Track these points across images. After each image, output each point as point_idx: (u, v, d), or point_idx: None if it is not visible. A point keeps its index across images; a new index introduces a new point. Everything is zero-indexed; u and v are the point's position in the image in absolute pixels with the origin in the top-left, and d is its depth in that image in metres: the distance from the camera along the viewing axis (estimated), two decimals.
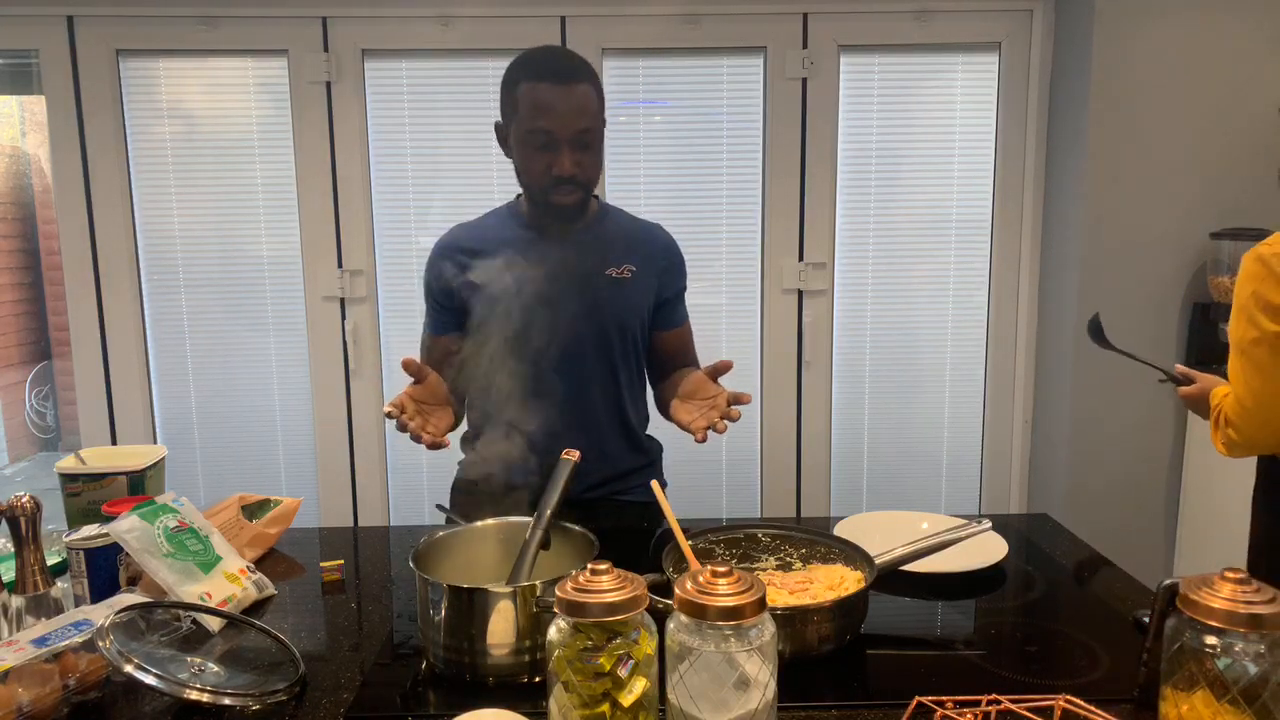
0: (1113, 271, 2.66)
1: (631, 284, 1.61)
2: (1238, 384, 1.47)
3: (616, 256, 1.61)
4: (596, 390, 1.61)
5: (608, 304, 1.59)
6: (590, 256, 1.60)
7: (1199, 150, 2.62)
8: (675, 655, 0.81)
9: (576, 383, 1.58)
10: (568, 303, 1.56)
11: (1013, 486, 3.01)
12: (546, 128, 1.46)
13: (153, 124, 2.78)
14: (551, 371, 1.55)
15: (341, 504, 2.95)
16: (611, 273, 1.60)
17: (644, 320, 1.65)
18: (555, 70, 1.47)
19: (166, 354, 2.88)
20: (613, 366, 1.62)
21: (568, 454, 1.23)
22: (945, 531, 1.22)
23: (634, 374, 1.67)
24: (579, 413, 1.59)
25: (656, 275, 1.65)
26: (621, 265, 1.61)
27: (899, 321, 2.93)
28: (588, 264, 1.60)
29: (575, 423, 1.58)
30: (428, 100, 2.79)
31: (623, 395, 1.64)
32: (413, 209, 2.83)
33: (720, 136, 2.83)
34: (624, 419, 1.66)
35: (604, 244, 1.62)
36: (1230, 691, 0.78)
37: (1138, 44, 2.58)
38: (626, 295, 1.61)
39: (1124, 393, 2.72)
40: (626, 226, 1.68)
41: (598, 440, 1.62)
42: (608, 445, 1.64)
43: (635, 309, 1.63)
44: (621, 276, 1.60)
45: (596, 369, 1.61)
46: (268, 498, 1.53)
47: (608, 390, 1.63)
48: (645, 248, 1.65)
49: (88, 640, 0.98)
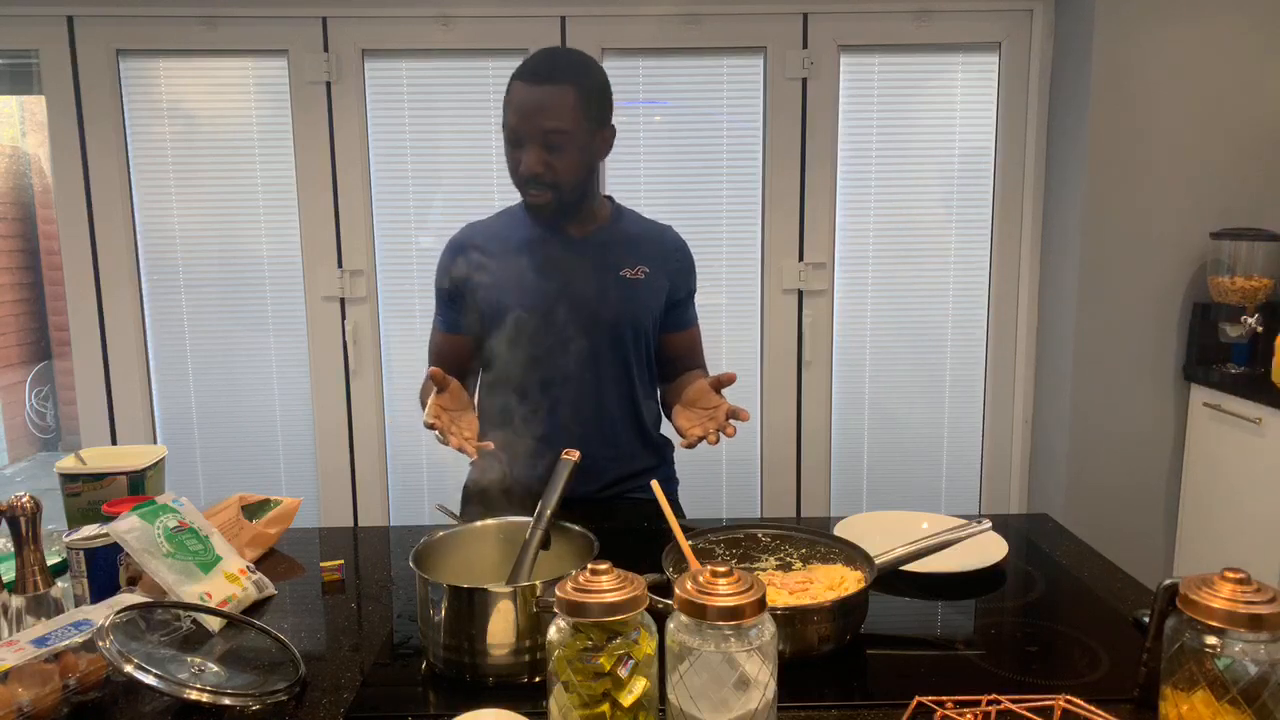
0: (1113, 271, 2.66)
1: (645, 285, 1.62)
2: None
3: (630, 257, 1.62)
4: (611, 390, 1.62)
5: (622, 304, 1.60)
6: (604, 257, 1.61)
7: (1199, 150, 2.62)
8: (675, 655, 0.81)
9: (591, 383, 1.59)
10: (582, 303, 1.57)
11: (1013, 486, 3.01)
12: (514, 125, 1.48)
13: (153, 124, 2.78)
14: (566, 372, 1.55)
15: (341, 504, 2.95)
16: (625, 273, 1.61)
17: (657, 321, 1.66)
18: (534, 70, 1.48)
19: (166, 354, 2.88)
20: (627, 366, 1.63)
21: (568, 454, 1.23)
22: (945, 531, 1.21)
23: (646, 374, 1.68)
24: (594, 413, 1.60)
25: (669, 277, 1.66)
26: (635, 266, 1.61)
27: (899, 321, 2.93)
28: (602, 265, 1.60)
29: (590, 423, 1.59)
30: (428, 100, 2.79)
31: (637, 395, 1.65)
32: (413, 209, 2.83)
33: (720, 137, 2.83)
34: (638, 418, 1.67)
35: (618, 245, 1.62)
36: (1230, 691, 0.78)
37: (1138, 44, 2.58)
38: (640, 296, 1.62)
39: (1124, 393, 2.72)
40: (640, 228, 1.68)
41: (613, 439, 1.63)
42: (622, 444, 1.65)
43: (648, 310, 1.63)
44: (635, 277, 1.61)
45: (610, 369, 1.61)
46: (268, 498, 1.53)
47: (622, 390, 1.63)
48: (658, 249, 1.66)
49: (88, 640, 0.98)
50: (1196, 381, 2.65)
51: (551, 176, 1.50)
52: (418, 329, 2.87)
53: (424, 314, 2.85)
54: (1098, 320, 2.69)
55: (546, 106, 1.46)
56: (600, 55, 2.74)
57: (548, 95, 1.46)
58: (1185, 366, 2.69)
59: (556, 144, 1.48)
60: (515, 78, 1.50)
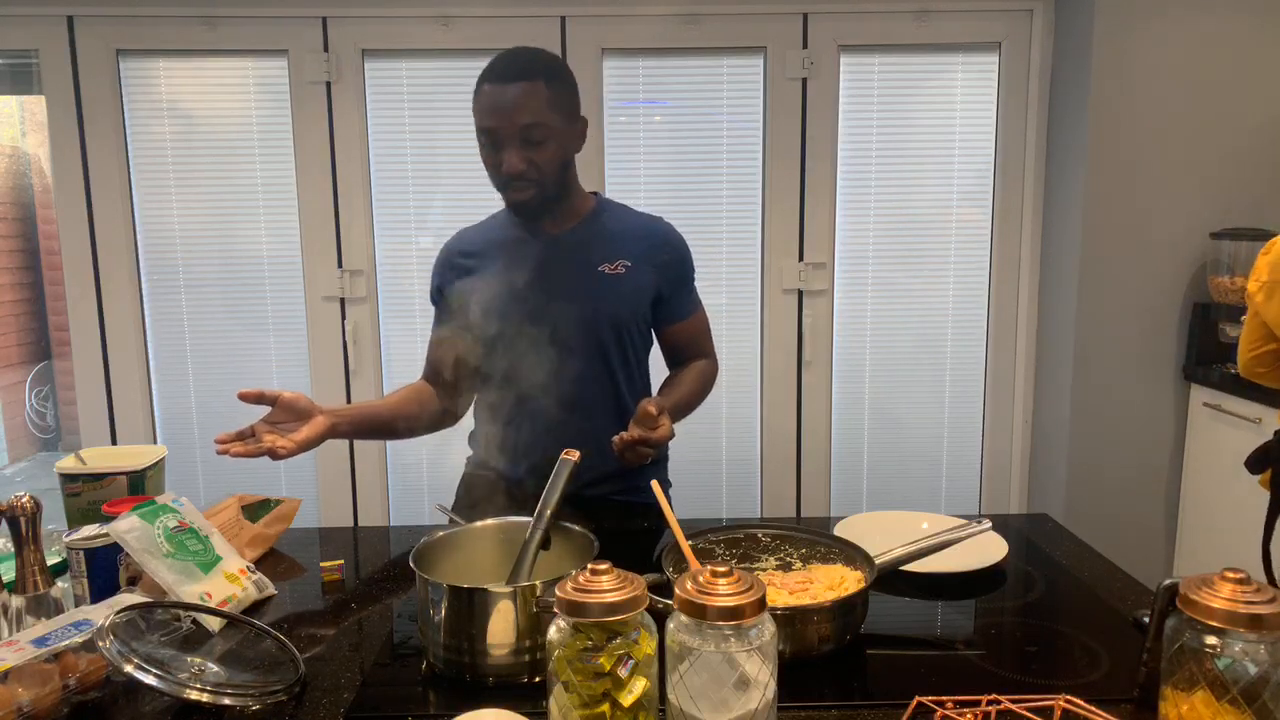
0: (1113, 271, 2.66)
1: (625, 279, 1.61)
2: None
3: (609, 252, 1.61)
4: (591, 389, 1.61)
5: (599, 301, 1.59)
6: (581, 254, 1.61)
7: (1199, 150, 2.62)
8: (675, 655, 0.81)
9: (570, 382, 1.58)
10: (558, 301, 1.57)
11: (1013, 486, 3.01)
12: (490, 126, 1.49)
13: (153, 124, 2.78)
14: (543, 371, 1.56)
15: (341, 504, 2.95)
16: (604, 269, 1.60)
17: (643, 315, 1.65)
18: (499, 70, 1.49)
19: (166, 354, 2.88)
20: (608, 363, 1.62)
21: (568, 454, 1.23)
22: (945, 531, 1.21)
23: (633, 370, 1.67)
24: (576, 411, 1.59)
25: (656, 269, 1.64)
26: (615, 261, 1.61)
27: (899, 321, 2.93)
28: (578, 261, 1.60)
29: (573, 420, 1.58)
30: (428, 100, 2.79)
31: (620, 391, 1.64)
32: (413, 209, 2.83)
33: (720, 137, 2.83)
34: (623, 416, 1.65)
35: (596, 241, 1.62)
36: (1230, 691, 0.78)
37: (1138, 44, 2.58)
38: (619, 291, 1.61)
39: (1124, 393, 2.72)
40: (623, 222, 1.67)
41: (594, 438, 1.62)
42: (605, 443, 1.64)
43: (629, 305, 1.62)
44: (614, 272, 1.61)
45: (590, 367, 1.60)
46: (268, 498, 1.53)
47: (604, 387, 1.63)
48: (642, 242, 1.65)
49: (88, 640, 0.98)
50: (1196, 381, 2.65)
51: (535, 173, 1.51)
52: (418, 329, 2.87)
53: (424, 314, 2.85)
54: (1098, 320, 2.69)
55: (521, 103, 1.47)
56: (600, 55, 2.74)
57: (521, 92, 1.47)
58: (1185, 366, 2.69)
59: (535, 139, 1.49)
60: (483, 81, 1.50)
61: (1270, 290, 1.68)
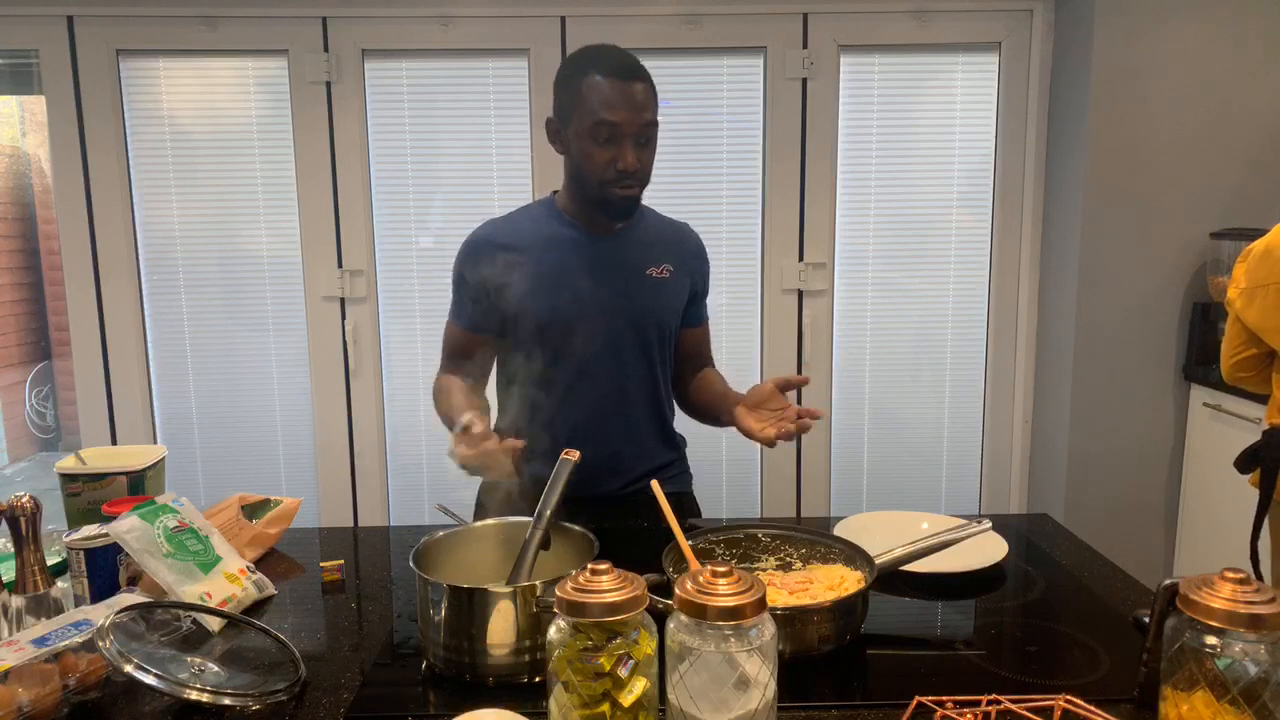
0: (1113, 271, 2.66)
1: (670, 284, 1.63)
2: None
3: (656, 256, 1.62)
4: (636, 389, 1.62)
5: (649, 303, 1.60)
6: (633, 256, 1.61)
7: (1199, 150, 2.62)
8: (675, 655, 0.81)
9: (618, 381, 1.59)
10: (611, 302, 1.57)
11: (1013, 486, 3.01)
12: (613, 121, 1.45)
13: (153, 123, 2.78)
14: (592, 370, 1.56)
15: (341, 504, 2.95)
16: (652, 272, 1.61)
17: (679, 319, 1.67)
18: (619, 66, 1.48)
19: (166, 354, 2.88)
20: (651, 365, 1.63)
21: (568, 454, 1.23)
22: (945, 531, 1.21)
23: (668, 372, 1.69)
24: (620, 411, 1.61)
25: (690, 275, 1.67)
26: (661, 265, 1.62)
27: (899, 321, 2.93)
28: (631, 263, 1.60)
29: (616, 421, 1.60)
30: (428, 100, 2.79)
31: (660, 392, 1.66)
32: (413, 209, 2.83)
33: (720, 136, 2.83)
34: (661, 415, 1.68)
35: (645, 243, 1.63)
36: (1230, 691, 0.78)
37: (1138, 44, 2.58)
38: (666, 295, 1.63)
39: (1124, 393, 2.72)
40: (662, 226, 1.69)
41: (638, 438, 1.64)
42: (647, 442, 1.66)
43: (673, 309, 1.65)
44: (661, 276, 1.62)
45: (636, 367, 1.61)
46: (268, 498, 1.53)
47: (646, 388, 1.64)
48: (680, 247, 1.67)
49: (88, 640, 0.98)
50: (1196, 381, 2.65)
51: (644, 172, 1.52)
52: (418, 329, 2.87)
53: (424, 314, 2.86)
54: (1098, 320, 2.69)
55: (645, 102, 1.47)
56: None
57: (644, 90, 1.47)
58: (1185, 366, 2.69)
59: (647, 138, 1.49)
60: (597, 74, 1.46)
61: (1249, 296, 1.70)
